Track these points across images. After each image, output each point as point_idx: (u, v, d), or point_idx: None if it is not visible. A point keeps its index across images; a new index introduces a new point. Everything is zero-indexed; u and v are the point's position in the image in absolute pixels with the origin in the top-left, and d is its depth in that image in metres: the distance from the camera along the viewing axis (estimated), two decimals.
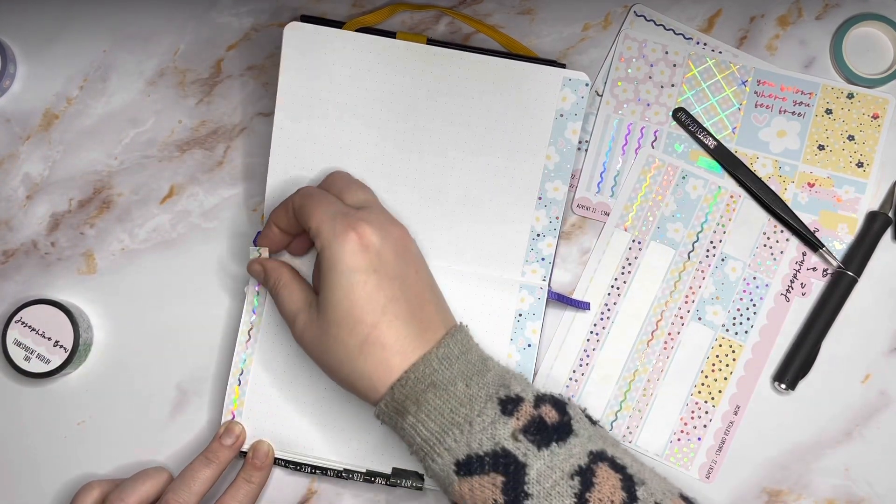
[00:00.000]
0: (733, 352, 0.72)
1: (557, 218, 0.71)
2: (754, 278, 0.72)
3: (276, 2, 0.77)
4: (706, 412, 0.72)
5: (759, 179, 0.74)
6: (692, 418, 0.72)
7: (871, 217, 0.73)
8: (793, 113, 0.75)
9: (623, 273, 0.73)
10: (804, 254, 0.72)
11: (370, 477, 0.69)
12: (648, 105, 0.75)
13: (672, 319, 0.72)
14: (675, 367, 0.72)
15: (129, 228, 0.76)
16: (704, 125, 0.75)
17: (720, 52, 0.75)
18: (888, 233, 0.74)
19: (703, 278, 0.72)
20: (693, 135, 0.74)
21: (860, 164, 0.74)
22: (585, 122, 0.75)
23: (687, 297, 0.72)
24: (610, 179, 0.75)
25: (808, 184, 0.74)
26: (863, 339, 0.73)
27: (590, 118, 0.75)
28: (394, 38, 0.72)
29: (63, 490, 0.73)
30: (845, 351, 0.73)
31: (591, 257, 0.73)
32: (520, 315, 0.71)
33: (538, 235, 0.72)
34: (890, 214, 0.73)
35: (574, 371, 0.72)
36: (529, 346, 0.70)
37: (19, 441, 0.74)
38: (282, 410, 0.69)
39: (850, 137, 0.74)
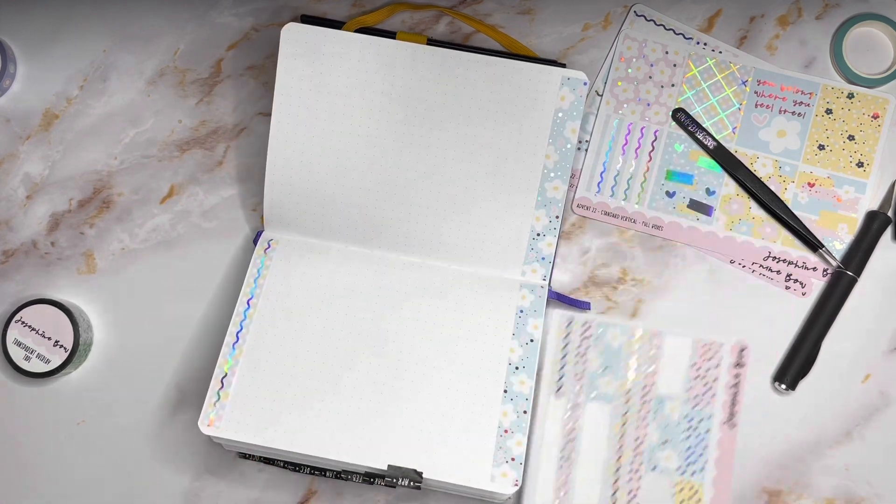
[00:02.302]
0: (695, 493, 0.70)
1: (557, 217, 0.71)
2: (696, 413, 0.70)
3: (276, 2, 0.77)
4: None
5: (759, 179, 0.74)
6: None
7: (871, 217, 0.73)
8: (793, 113, 0.75)
9: (568, 443, 0.70)
10: (738, 365, 0.71)
11: (369, 478, 0.69)
12: (648, 105, 0.75)
13: (628, 476, 0.70)
14: None
15: (129, 228, 0.76)
16: (704, 125, 0.75)
17: (720, 52, 0.75)
18: (888, 232, 0.74)
19: (647, 426, 0.70)
20: (692, 135, 0.74)
21: (860, 164, 0.74)
22: (585, 122, 0.75)
23: (635, 449, 0.70)
24: (610, 179, 0.75)
25: (808, 184, 0.74)
26: (863, 339, 0.73)
27: (590, 118, 0.75)
28: (394, 38, 0.72)
29: (63, 490, 0.73)
30: (845, 351, 0.73)
31: (533, 433, 0.70)
32: (521, 312, 0.71)
33: (538, 235, 0.72)
34: (889, 214, 0.73)
35: None
36: (532, 341, 0.70)
37: (19, 441, 0.74)
38: (270, 405, 0.68)
39: (851, 137, 0.74)
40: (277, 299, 0.71)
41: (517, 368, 0.69)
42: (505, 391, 0.68)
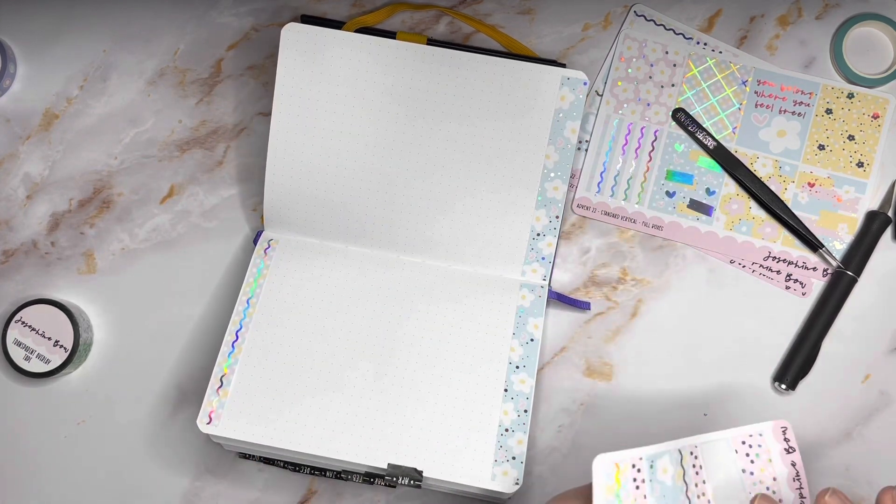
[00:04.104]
0: None
1: (557, 217, 0.71)
2: None
3: (276, 2, 0.77)
4: None
5: (759, 179, 0.74)
6: None
7: (871, 217, 0.73)
8: (793, 113, 0.75)
9: None
10: (788, 450, 0.58)
11: (369, 478, 0.69)
12: (648, 105, 0.75)
13: None
14: None
15: (129, 228, 0.76)
16: (704, 125, 0.75)
17: (720, 52, 0.75)
18: (888, 232, 0.74)
19: None
20: (692, 135, 0.75)
21: (860, 164, 0.74)
22: (585, 122, 0.75)
23: None
24: (610, 179, 0.75)
25: (809, 184, 0.74)
26: (863, 339, 0.73)
27: (590, 118, 0.75)
28: (394, 38, 0.72)
29: (63, 490, 0.73)
30: (845, 351, 0.73)
31: None
32: (521, 311, 0.71)
33: (538, 235, 0.72)
34: (889, 214, 0.73)
35: None
36: (532, 340, 0.70)
37: (19, 441, 0.74)
38: (269, 404, 0.69)
39: (851, 137, 0.74)
40: (277, 299, 0.71)
41: (518, 367, 0.69)
42: (505, 390, 0.68)
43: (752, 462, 0.58)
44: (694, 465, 0.58)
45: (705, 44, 0.76)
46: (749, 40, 0.76)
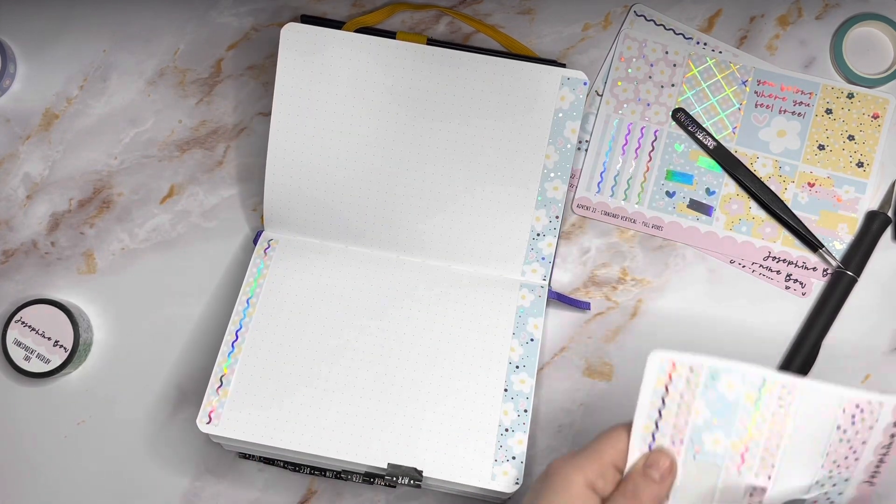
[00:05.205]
0: None
1: (557, 217, 0.71)
2: (830, 478, 0.55)
3: (276, 2, 0.77)
4: None
5: (759, 179, 0.74)
6: None
7: (871, 217, 0.73)
8: (793, 113, 0.75)
9: None
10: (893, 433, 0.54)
11: (369, 477, 0.69)
12: (648, 105, 0.75)
13: None
14: None
15: (129, 228, 0.76)
16: (704, 125, 0.75)
17: (720, 52, 0.75)
18: (888, 232, 0.74)
19: (763, 493, 0.54)
20: (692, 135, 0.75)
21: (860, 164, 0.74)
22: (585, 122, 0.75)
23: None
24: (610, 179, 0.75)
25: (809, 184, 0.74)
26: (863, 340, 0.73)
27: (590, 118, 0.75)
28: (394, 38, 0.72)
29: (63, 490, 0.73)
30: (845, 351, 0.73)
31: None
32: (521, 311, 0.71)
33: (538, 235, 0.72)
34: (889, 214, 0.73)
35: None
36: (532, 340, 0.70)
37: (19, 441, 0.74)
38: (269, 404, 0.68)
39: (851, 137, 0.74)
40: (277, 299, 0.71)
41: (517, 367, 0.69)
42: (505, 390, 0.68)
43: (852, 424, 0.54)
44: (780, 398, 0.54)
45: (705, 44, 0.76)
46: (749, 40, 0.76)
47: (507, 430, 0.68)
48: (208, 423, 0.67)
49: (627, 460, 0.55)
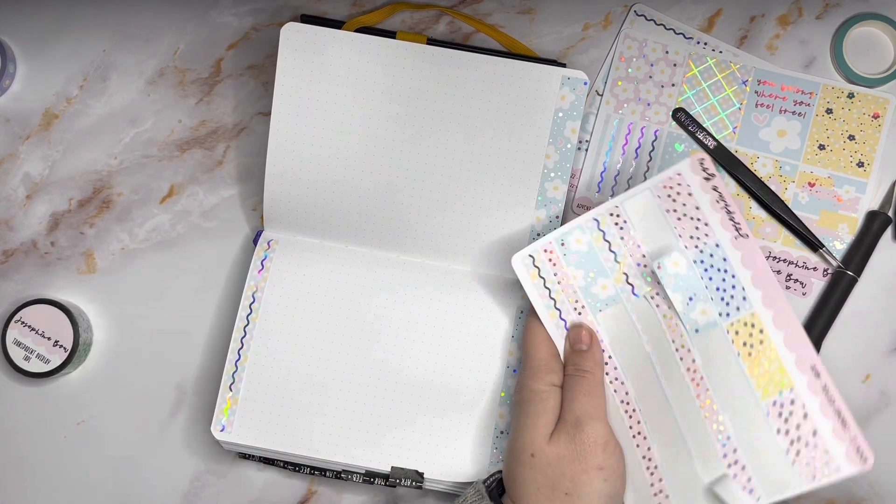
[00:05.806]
0: (751, 326, 0.59)
1: (557, 217, 0.71)
2: (701, 252, 0.60)
3: (276, 2, 0.77)
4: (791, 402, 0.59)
5: (759, 179, 0.74)
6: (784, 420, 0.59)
7: (871, 216, 0.73)
8: (793, 113, 0.75)
9: (607, 363, 0.64)
10: (707, 177, 0.60)
11: (369, 478, 0.69)
12: (649, 105, 0.75)
13: (678, 355, 0.61)
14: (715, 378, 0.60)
15: (129, 228, 0.76)
16: (704, 125, 0.75)
17: (720, 52, 0.75)
18: (888, 232, 0.74)
19: (663, 297, 0.61)
20: (692, 135, 0.74)
21: (860, 164, 0.74)
22: (585, 122, 0.75)
23: (668, 326, 0.61)
24: (610, 179, 0.75)
25: (809, 183, 0.74)
26: (863, 339, 0.73)
27: (590, 118, 0.75)
28: (394, 37, 0.72)
29: (63, 490, 0.73)
30: (845, 351, 0.73)
31: None
32: (521, 312, 0.71)
33: (538, 235, 0.72)
34: (890, 214, 0.73)
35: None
36: None
37: (19, 441, 0.74)
38: (278, 409, 0.69)
39: (851, 137, 0.74)
40: (278, 301, 0.71)
41: (515, 371, 0.69)
42: (503, 393, 0.69)
43: (673, 200, 0.61)
44: (616, 223, 0.63)
45: (705, 44, 0.75)
46: (749, 40, 0.76)
47: (502, 432, 0.68)
48: (222, 430, 0.67)
49: (558, 348, 0.64)
